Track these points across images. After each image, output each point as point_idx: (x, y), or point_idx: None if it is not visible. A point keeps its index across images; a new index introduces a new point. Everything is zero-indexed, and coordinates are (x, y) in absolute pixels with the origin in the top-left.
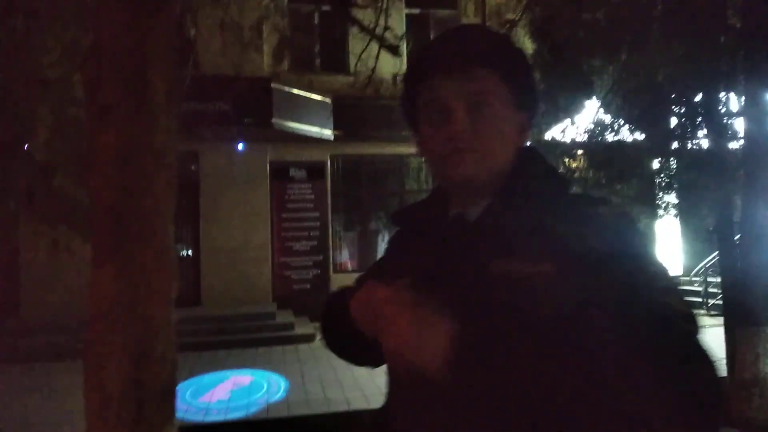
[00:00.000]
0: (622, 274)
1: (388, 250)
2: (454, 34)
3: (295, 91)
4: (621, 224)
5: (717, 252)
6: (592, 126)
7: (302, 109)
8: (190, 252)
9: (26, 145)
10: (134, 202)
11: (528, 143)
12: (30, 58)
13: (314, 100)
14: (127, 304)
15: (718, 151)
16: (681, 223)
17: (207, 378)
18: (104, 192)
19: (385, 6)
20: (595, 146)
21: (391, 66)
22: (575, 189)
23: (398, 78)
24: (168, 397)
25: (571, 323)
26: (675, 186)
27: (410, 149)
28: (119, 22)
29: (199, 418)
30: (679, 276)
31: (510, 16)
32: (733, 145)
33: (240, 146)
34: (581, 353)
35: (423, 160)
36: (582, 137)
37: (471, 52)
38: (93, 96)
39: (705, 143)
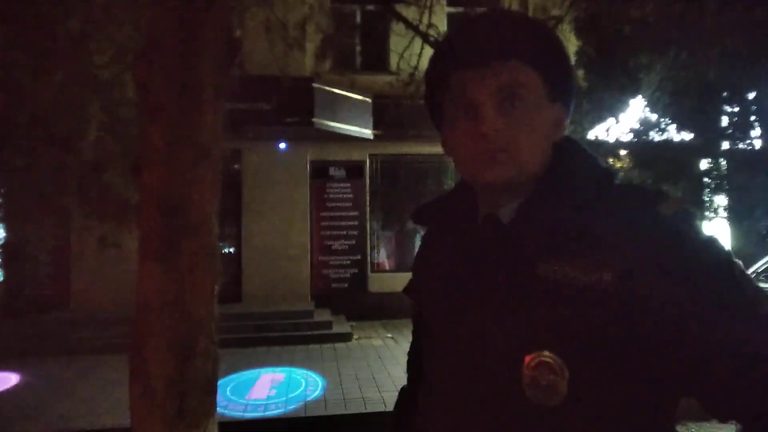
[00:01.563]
0: (706, 284)
1: (422, 248)
2: (479, 23)
3: (336, 90)
4: (686, 225)
5: None
6: (637, 125)
7: (343, 109)
8: (231, 249)
9: (78, 143)
10: (181, 199)
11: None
12: (84, 59)
13: (355, 99)
14: (172, 299)
15: None
16: (731, 226)
17: (246, 375)
18: (153, 189)
19: (429, 3)
20: (640, 145)
21: None
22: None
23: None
24: (209, 391)
25: (645, 338)
26: (726, 187)
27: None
28: (170, 22)
29: (238, 414)
30: None
31: (555, 12)
32: None
33: (282, 145)
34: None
35: (450, 160)
36: (627, 136)
37: (498, 42)
38: (144, 95)
39: (758, 143)
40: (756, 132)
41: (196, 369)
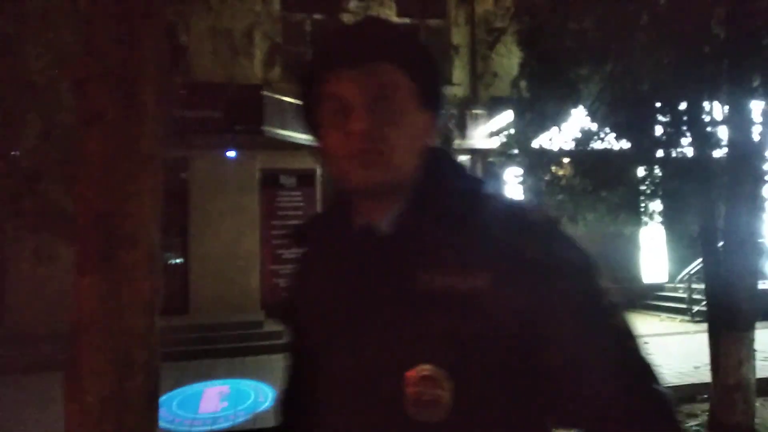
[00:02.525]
0: (567, 289)
1: (297, 274)
2: (354, 28)
3: (286, 98)
4: (554, 232)
5: (701, 259)
6: (579, 134)
7: (293, 117)
8: (178, 260)
9: (14, 151)
10: (120, 209)
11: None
12: (19, 63)
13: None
14: (110, 312)
15: (702, 159)
16: (666, 230)
17: (193, 388)
18: (90, 198)
19: (376, 14)
20: (581, 154)
21: None
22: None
23: None
24: (151, 407)
25: (518, 341)
26: (660, 193)
27: None
28: (109, 27)
29: (185, 428)
30: (664, 283)
31: (498, 24)
32: (717, 152)
33: (231, 153)
34: (534, 372)
35: (324, 166)
36: (569, 145)
37: (372, 45)
38: (81, 101)
39: (689, 151)
40: (687, 141)
41: (136, 384)
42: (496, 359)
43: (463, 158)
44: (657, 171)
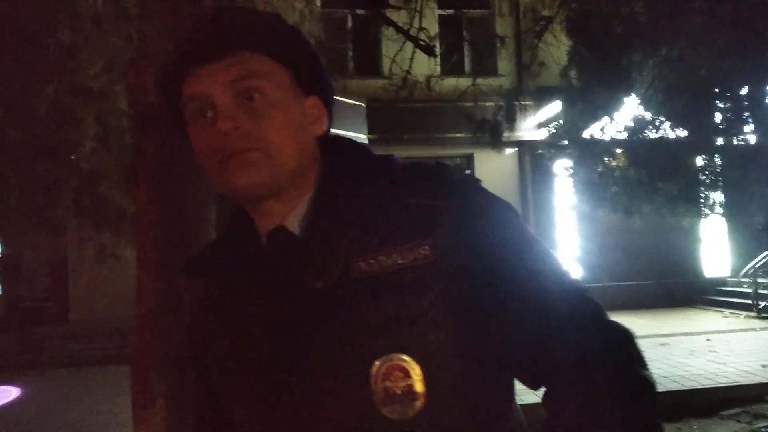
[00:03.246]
0: (505, 233)
1: (200, 311)
2: (210, 19)
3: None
4: (480, 188)
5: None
6: (632, 123)
7: (337, 113)
8: None
9: (72, 155)
10: (177, 210)
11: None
12: (75, 70)
13: (348, 103)
14: (170, 308)
15: (765, 147)
16: (728, 222)
17: None
18: (149, 200)
19: (419, 7)
20: (635, 144)
21: (426, 67)
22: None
23: (431, 79)
24: None
25: (472, 301)
26: (720, 183)
27: (446, 150)
28: (162, 30)
29: None
30: (727, 277)
31: (546, 12)
32: None
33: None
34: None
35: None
36: (622, 135)
37: (231, 34)
38: (136, 106)
39: (752, 138)
40: (749, 128)
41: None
42: (458, 329)
43: (511, 150)
44: (717, 160)
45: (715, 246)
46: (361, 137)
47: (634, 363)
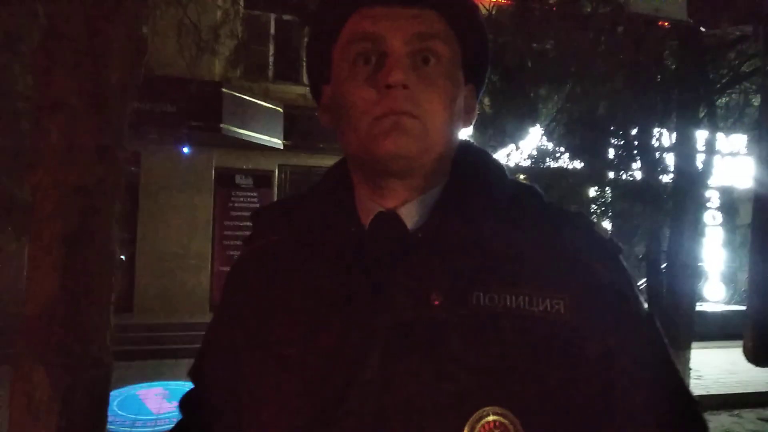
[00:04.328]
0: (641, 323)
1: (243, 288)
2: None
3: (247, 97)
4: (618, 252)
5: (645, 278)
6: (535, 152)
7: (252, 116)
8: (123, 257)
9: None
10: (79, 202)
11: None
12: None
13: (265, 107)
14: (64, 306)
15: (650, 184)
16: None
17: (136, 388)
18: (48, 191)
19: None
20: (537, 172)
21: None
22: None
23: None
24: (100, 405)
25: (591, 379)
26: (609, 214)
27: None
28: (75, 14)
29: (126, 429)
30: None
31: None
32: (665, 178)
33: (185, 149)
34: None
35: (333, 128)
36: (526, 162)
37: None
38: (43, 89)
39: (639, 175)
40: (637, 164)
41: (86, 380)
42: (572, 402)
43: None
44: (608, 192)
45: None
46: (276, 142)
47: None
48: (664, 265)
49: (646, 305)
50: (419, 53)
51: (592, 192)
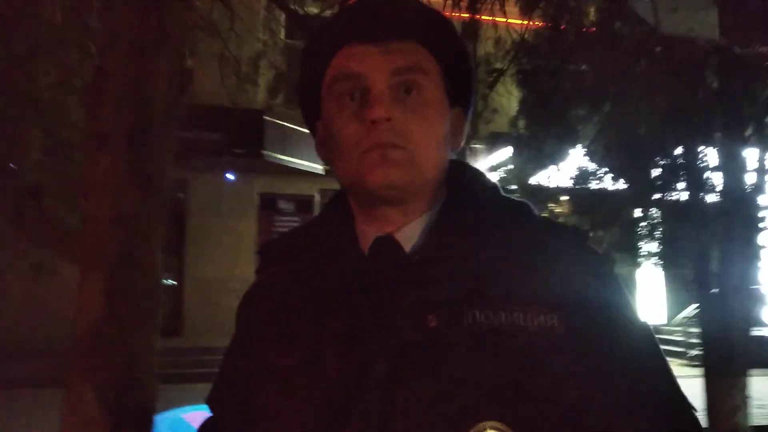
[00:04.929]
0: (637, 341)
1: (252, 317)
2: None
3: (287, 124)
4: (613, 269)
5: (697, 302)
6: (577, 173)
7: (293, 142)
8: (173, 281)
9: (13, 165)
10: (124, 230)
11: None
12: (27, 80)
13: (306, 133)
14: (111, 329)
15: (696, 204)
16: (664, 272)
17: (184, 411)
18: (97, 217)
19: None
20: (579, 192)
21: None
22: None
23: None
24: (145, 425)
25: (582, 394)
26: (655, 235)
27: None
28: (122, 51)
29: None
30: (662, 325)
31: (498, 65)
32: (712, 198)
33: (230, 176)
34: None
35: (327, 162)
36: (567, 183)
37: (401, 18)
38: (93, 123)
39: (684, 195)
40: (682, 185)
41: (132, 401)
42: (566, 416)
43: None
44: (653, 213)
45: (651, 295)
46: (317, 167)
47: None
48: (716, 289)
49: (641, 319)
50: (401, 85)
51: (637, 213)
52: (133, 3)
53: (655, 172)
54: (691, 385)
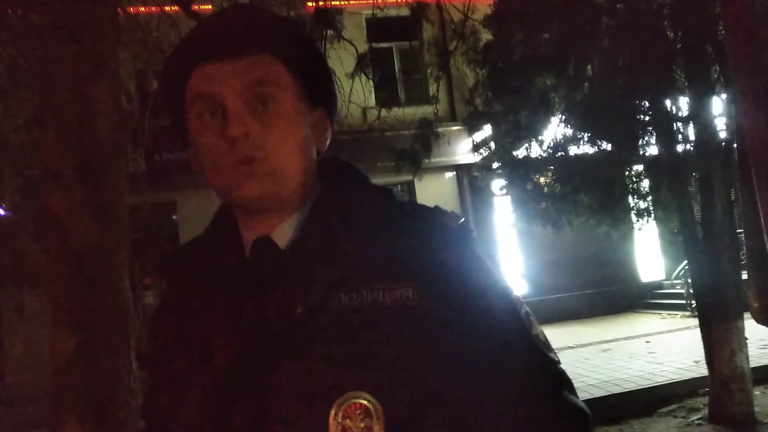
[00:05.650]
0: (492, 304)
1: (159, 321)
2: (226, 15)
3: None
4: (471, 236)
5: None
6: (555, 141)
7: None
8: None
9: None
10: (85, 259)
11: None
12: None
13: None
14: (85, 357)
15: (670, 157)
16: (657, 228)
17: None
18: (56, 251)
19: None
20: (559, 160)
21: (360, 99)
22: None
23: (367, 112)
24: None
25: (443, 360)
26: (642, 192)
27: (387, 178)
28: (62, 89)
29: None
30: (662, 280)
31: (452, 46)
32: (683, 149)
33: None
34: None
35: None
36: (548, 153)
37: (248, 33)
38: (40, 159)
39: (659, 150)
40: (654, 138)
41: (115, 422)
42: (426, 381)
43: (450, 174)
44: (633, 171)
45: (649, 252)
46: None
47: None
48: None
49: (503, 282)
50: (257, 99)
51: (616, 173)
52: (64, 37)
53: (624, 131)
54: (697, 335)
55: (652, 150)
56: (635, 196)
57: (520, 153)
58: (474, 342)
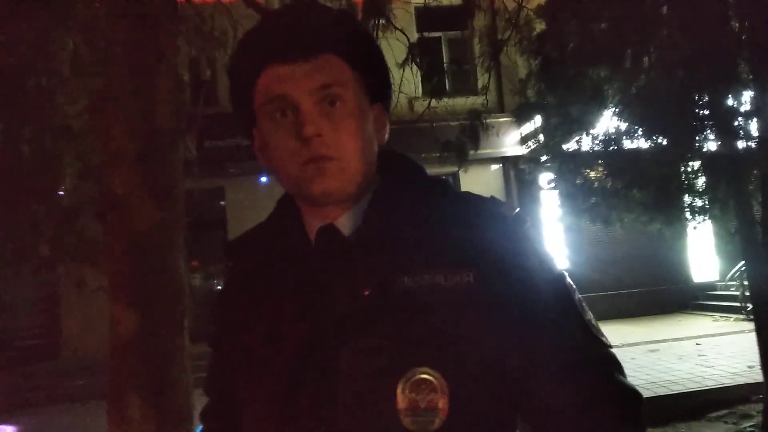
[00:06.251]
0: (546, 290)
1: (227, 301)
2: (290, 14)
3: None
4: (526, 227)
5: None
6: (607, 135)
7: None
8: (220, 287)
9: (54, 192)
10: (144, 239)
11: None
12: (57, 110)
13: None
14: (145, 334)
15: (730, 153)
16: (713, 227)
17: None
18: (116, 232)
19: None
20: (611, 155)
21: (409, 89)
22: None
23: (414, 102)
24: (185, 420)
25: (502, 340)
26: (698, 189)
27: (432, 169)
28: (122, 73)
29: None
30: (716, 281)
31: (503, 36)
32: (745, 145)
33: (263, 179)
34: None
35: (269, 172)
36: (599, 147)
37: (313, 34)
38: (103, 144)
39: (717, 146)
40: (714, 134)
41: (170, 399)
42: (487, 359)
43: (496, 166)
44: (690, 167)
45: (703, 251)
46: None
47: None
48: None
49: (557, 268)
50: (325, 99)
51: (673, 169)
52: (128, 27)
53: (684, 126)
54: (751, 339)
55: (711, 146)
56: (691, 194)
57: (570, 146)
58: (531, 321)
